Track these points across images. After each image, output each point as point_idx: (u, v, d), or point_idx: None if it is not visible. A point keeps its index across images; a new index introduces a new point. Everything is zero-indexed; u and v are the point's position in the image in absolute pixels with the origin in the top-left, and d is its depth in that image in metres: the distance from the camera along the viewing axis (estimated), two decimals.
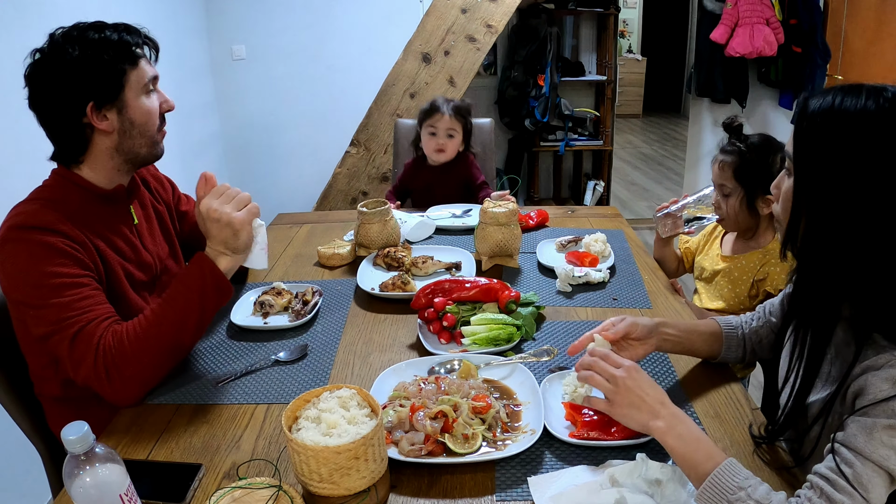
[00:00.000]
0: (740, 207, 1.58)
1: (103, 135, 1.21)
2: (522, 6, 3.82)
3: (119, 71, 1.18)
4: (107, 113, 1.19)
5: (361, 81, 3.76)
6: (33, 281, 1.10)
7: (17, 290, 1.12)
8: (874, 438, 0.78)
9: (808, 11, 3.58)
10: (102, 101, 1.17)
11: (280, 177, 4.13)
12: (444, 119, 2.18)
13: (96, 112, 1.17)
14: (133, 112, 1.21)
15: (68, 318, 1.09)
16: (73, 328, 1.09)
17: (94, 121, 1.18)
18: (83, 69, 1.15)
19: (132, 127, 1.22)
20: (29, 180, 1.27)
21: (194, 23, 3.67)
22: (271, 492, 0.88)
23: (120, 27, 1.21)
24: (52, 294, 1.09)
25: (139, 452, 1.02)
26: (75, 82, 1.15)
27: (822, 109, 0.84)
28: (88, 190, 1.24)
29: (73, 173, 1.23)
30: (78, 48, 1.15)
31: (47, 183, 1.24)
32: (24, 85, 1.18)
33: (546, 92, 4.06)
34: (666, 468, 0.89)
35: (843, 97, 0.83)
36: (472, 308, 1.38)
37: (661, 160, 6.76)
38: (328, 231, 2.01)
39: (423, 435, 0.96)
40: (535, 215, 1.98)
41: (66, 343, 1.09)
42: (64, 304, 1.09)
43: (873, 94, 0.82)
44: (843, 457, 0.79)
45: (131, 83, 1.20)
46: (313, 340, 1.35)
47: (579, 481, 0.91)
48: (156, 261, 1.38)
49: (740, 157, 1.54)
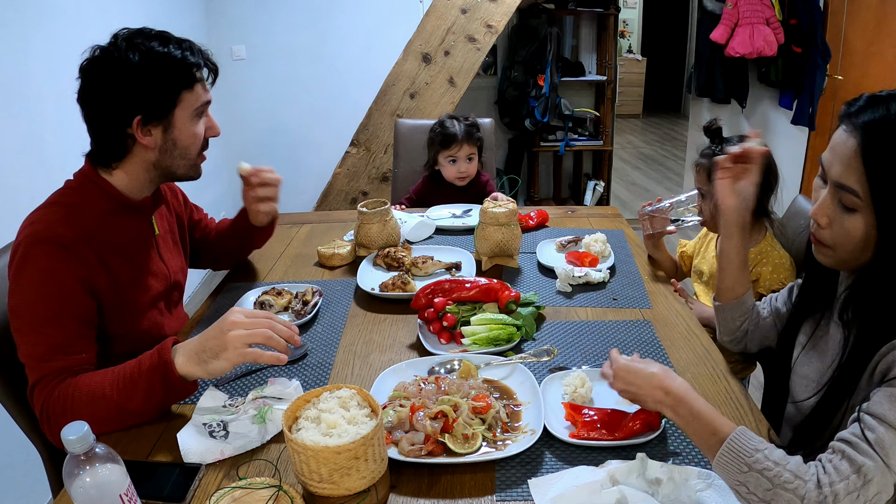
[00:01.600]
0: (716, 210, 1.59)
1: (144, 149, 1.19)
2: (522, 6, 3.82)
3: (175, 90, 1.16)
4: (152, 129, 1.17)
5: (361, 81, 3.76)
6: (29, 305, 1.10)
7: (15, 303, 1.12)
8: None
9: (808, 11, 3.58)
10: (151, 117, 1.16)
11: (280, 177, 4.13)
12: (462, 147, 2.22)
13: (142, 126, 1.16)
14: (179, 133, 1.20)
15: (40, 358, 1.09)
16: (37, 373, 1.08)
17: (138, 134, 1.16)
18: (140, 80, 1.13)
19: (174, 147, 1.21)
20: (29, 180, 1.27)
21: (194, 23, 3.68)
22: (271, 492, 0.88)
23: (185, 44, 1.19)
24: (38, 325, 1.09)
25: (139, 452, 1.02)
26: (129, 91, 1.13)
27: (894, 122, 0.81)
28: (114, 198, 1.22)
29: (100, 177, 1.21)
30: (139, 57, 1.12)
31: (71, 185, 1.22)
32: (77, 76, 1.15)
33: (546, 92, 4.06)
34: (666, 467, 0.89)
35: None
36: (472, 308, 1.38)
37: (661, 160, 6.76)
38: (328, 231, 2.01)
39: (423, 435, 0.96)
40: (535, 215, 1.98)
41: (31, 376, 1.09)
42: (41, 342, 1.09)
43: None
44: (866, 423, 0.79)
45: (184, 105, 1.19)
46: (313, 340, 1.35)
47: (579, 482, 0.90)
48: (171, 273, 1.38)
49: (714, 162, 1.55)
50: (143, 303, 1.28)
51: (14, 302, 1.11)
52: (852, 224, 0.88)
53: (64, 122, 2.20)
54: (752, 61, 3.86)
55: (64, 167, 1.26)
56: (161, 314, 1.34)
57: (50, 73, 2.19)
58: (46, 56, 2.16)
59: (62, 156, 2.19)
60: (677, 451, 0.98)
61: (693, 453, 0.97)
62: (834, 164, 0.88)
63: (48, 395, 1.07)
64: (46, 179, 1.22)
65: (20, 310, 1.11)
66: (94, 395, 1.05)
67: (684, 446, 0.99)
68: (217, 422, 1.04)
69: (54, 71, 2.20)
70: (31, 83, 2.12)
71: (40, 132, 2.15)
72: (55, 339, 1.09)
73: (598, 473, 0.92)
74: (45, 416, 1.07)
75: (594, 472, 0.93)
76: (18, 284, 1.11)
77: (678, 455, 0.97)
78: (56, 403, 1.06)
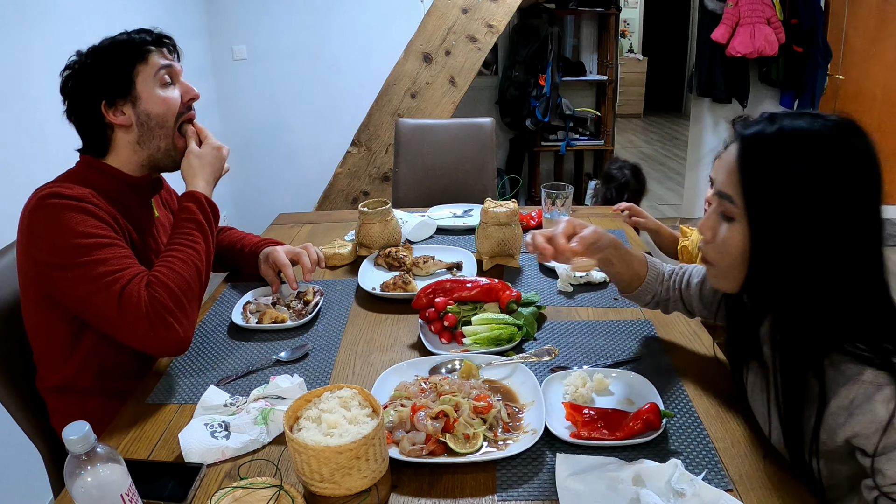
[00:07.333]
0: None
1: (123, 130, 1.24)
2: (523, 6, 3.82)
3: (127, 66, 1.21)
4: (122, 108, 1.22)
5: (362, 81, 3.76)
6: (69, 242, 1.10)
7: (52, 254, 1.11)
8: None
9: (809, 11, 3.58)
10: (113, 97, 1.21)
11: (281, 177, 4.14)
12: None
13: (111, 108, 1.21)
14: (148, 104, 1.23)
15: (110, 273, 1.10)
16: (117, 284, 1.09)
17: (110, 116, 1.21)
18: (93, 72, 1.21)
19: (150, 118, 1.24)
20: (29, 180, 1.28)
21: (195, 23, 3.68)
22: (272, 492, 0.88)
23: (133, 31, 1.25)
24: (90, 252, 1.10)
25: (140, 452, 1.02)
26: (87, 86, 1.21)
27: (772, 135, 0.83)
28: (115, 177, 1.26)
29: (100, 161, 1.26)
30: (91, 56, 1.22)
31: (73, 170, 1.26)
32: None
33: (547, 92, 4.06)
34: (695, 482, 0.87)
35: (787, 119, 0.83)
36: (473, 308, 1.38)
37: (663, 160, 6.76)
38: (329, 231, 2.01)
39: (424, 435, 0.96)
40: (536, 215, 1.98)
41: (113, 301, 1.09)
42: (103, 261, 1.11)
43: (818, 118, 0.82)
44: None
45: (143, 76, 1.22)
46: (314, 340, 1.35)
47: (603, 471, 0.91)
48: None
49: None
50: None
51: (57, 252, 1.10)
52: (730, 233, 0.89)
53: (64, 122, 2.20)
54: (752, 61, 3.86)
55: (64, 167, 1.27)
56: None
57: (50, 73, 2.18)
58: (46, 56, 2.16)
59: (62, 156, 2.18)
60: (678, 450, 0.98)
61: (693, 453, 0.97)
62: (719, 174, 0.90)
63: (145, 296, 1.10)
64: (47, 179, 1.23)
65: (66, 253, 1.10)
66: (181, 264, 1.17)
67: (685, 446, 0.99)
68: (218, 422, 1.04)
69: (54, 71, 2.19)
70: (31, 83, 2.11)
71: (40, 132, 2.15)
72: (113, 254, 1.13)
73: (624, 468, 0.91)
74: (155, 317, 1.10)
75: (621, 465, 0.92)
76: (44, 236, 1.11)
77: (679, 454, 0.97)
78: (160, 297, 1.11)
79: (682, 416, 1.06)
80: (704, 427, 1.03)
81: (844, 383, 0.81)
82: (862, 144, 0.82)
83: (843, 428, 0.81)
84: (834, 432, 0.83)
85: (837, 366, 0.83)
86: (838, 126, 0.82)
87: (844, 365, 0.82)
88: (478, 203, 2.09)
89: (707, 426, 1.03)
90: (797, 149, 0.81)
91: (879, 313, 0.83)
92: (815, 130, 0.82)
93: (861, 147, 0.82)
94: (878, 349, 0.80)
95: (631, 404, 1.08)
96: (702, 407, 1.08)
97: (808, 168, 0.80)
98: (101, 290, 1.09)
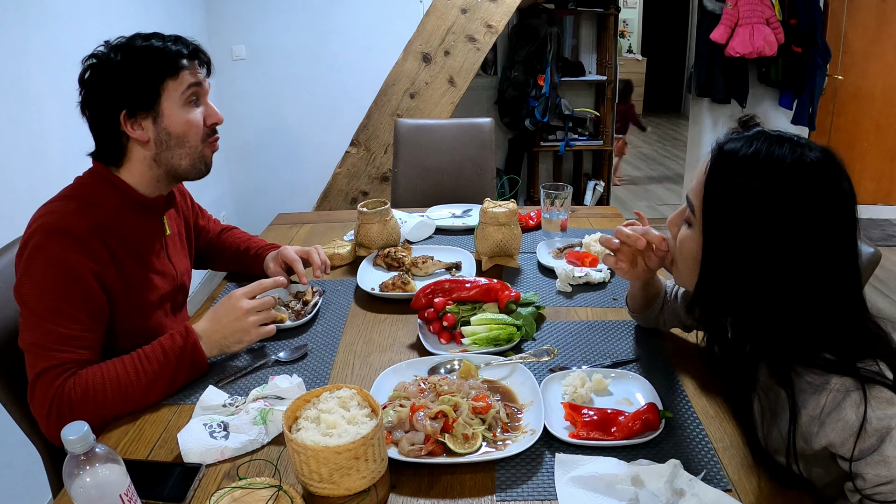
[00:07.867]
0: None
1: (139, 144, 1.19)
2: (522, 6, 3.82)
3: (156, 79, 1.16)
4: (142, 122, 1.17)
5: (361, 81, 3.76)
6: (41, 287, 1.09)
7: (24, 284, 1.11)
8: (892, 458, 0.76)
9: (808, 11, 3.58)
10: (136, 109, 1.16)
11: (280, 177, 4.13)
12: None
13: (131, 120, 1.16)
14: (170, 122, 1.18)
15: (47, 347, 1.08)
16: (44, 362, 1.07)
17: (127, 129, 1.16)
18: (120, 74, 1.14)
19: (169, 138, 1.19)
20: (30, 180, 1.27)
21: (194, 23, 3.68)
22: (271, 492, 0.88)
23: (170, 38, 1.19)
24: (48, 314, 1.08)
25: (139, 452, 1.02)
26: (110, 89, 1.14)
27: (745, 157, 0.83)
28: (127, 194, 1.22)
29: (112, 174, 1.22)
30: (120, 55, 1.14)
31: (83, 181, 1.22)
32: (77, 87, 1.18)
33: (546, 92, 4.06)
34: (694, 482, 0.87)
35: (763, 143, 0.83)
36: (473, 308, 1.38)
37: (662, 160, 6.76)
38: (328, 231, 2.01)
39: (423, 435, 0.96)
40: (535, 215, 1.98)
41: (33, 370, 1.08)
42: (51, 332, 1.08)
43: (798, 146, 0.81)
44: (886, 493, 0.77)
45: (169, 92, 1.17)
46: (313, 340, 1.35)
47: (602, 471, 0.91)
48: (177, 274, 1.37)
49: None
50: (149, 301, 1.27)
51: (24, 291, 1.10)
52: (686, 237, 0.92)
53: (65, 122, 2.20)
54: (752, 61, 3.86)
55: (65, 167, 1.26)
56: (165, 315, 1.34)
57: (50, 73, 2.19)
58: (46, 56, 2.16)
59: (63, 156, 2.19)
60: (677, 451, 0.98)
61: (692, 453, 0.97)
62: (694, 178, 0.92)
63: (59, 386, 1.06)
64: (47, 179, 1.22)
65: (30, 298, 1.09)
66: (119, 380, 1.09)
67: (684, 446, 0.99)
68: (217, 422, 1.04)
69: (54, 71, 2.20)
70: (31, 83, 2.11)
71: (40, 132, 2.15)
72: (65, 330, 1.09)
73: (623, 468, 0.91)
74: (55, 408, 1.06)
75: (620, 465, 0.92)
76: (29, 274, 1.10)
77: (678, 455, 0.97)
78: (72, 394, 1.06)
79: (680, 416, 1.06)
80: (703, 427, 1.03)
81: (813, 393, 0.82)
82: (835, 185, 0.81)
83: (818, 437, 0.82)
84: (809, 441, 0.84)
85: (803, 376, 0.83)
86: (815, 164, 0.80)
87: (810, 375, 0.82)
88: (477, 203, 2.09)
89: (706, 426, 1.03)
90: (765, 177, 0.81)
91: (840, 330, 0.83)
92: (789, 163, 0.80)
93: (833, 188, 0.80)
94: (842, 356, 0.81)
95: (630, 404, 1.08)
96: (700, 407, 1.08)
97: (771, 198, 0.80)
98: (32, 351, 1.08)
